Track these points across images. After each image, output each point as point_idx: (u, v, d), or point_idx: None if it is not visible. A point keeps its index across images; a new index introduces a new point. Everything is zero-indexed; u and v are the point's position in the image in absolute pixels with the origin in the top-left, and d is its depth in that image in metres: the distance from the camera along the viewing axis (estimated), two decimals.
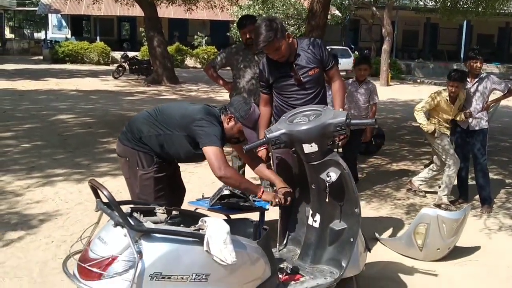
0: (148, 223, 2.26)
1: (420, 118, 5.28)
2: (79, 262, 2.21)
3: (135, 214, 2.36)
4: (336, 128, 2.73)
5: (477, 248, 4.31)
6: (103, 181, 5.44)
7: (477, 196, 5.42)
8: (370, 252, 3.26)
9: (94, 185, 2.29)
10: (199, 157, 3.07)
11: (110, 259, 2.12)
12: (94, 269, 2.11)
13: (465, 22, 26.90)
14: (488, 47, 32.59)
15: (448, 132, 5.32)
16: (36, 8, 32.66)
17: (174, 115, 3.06)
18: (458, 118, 5.27)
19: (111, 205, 2.17)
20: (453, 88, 5.07)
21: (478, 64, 5.12)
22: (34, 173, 5.98)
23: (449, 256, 4.06)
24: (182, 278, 2.19)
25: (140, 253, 2.11)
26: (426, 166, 6.69)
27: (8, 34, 43.80)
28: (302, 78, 3.58)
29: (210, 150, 2.84)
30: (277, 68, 3.61)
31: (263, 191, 3.00)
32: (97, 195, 2.35)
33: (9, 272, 3.50)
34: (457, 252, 4.14)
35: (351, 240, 2.85)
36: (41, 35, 42.92)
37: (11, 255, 3.78)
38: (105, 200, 2.24)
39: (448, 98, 5.18)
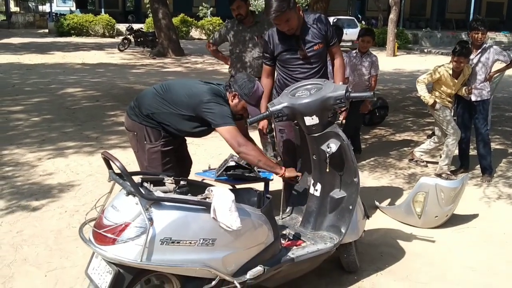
0: (157, 192, 2.41)
1: (421, 89, 5.34)
2: (94, 228, 2.36)
3: (145, 184, 2.50)
4: (336, 101, 2.85)
5: (475, 216, 4.44)
6: (112, 153, 5.55)
7: (478, 166, 5.53)
8: (369, 219, 3.41)
9: (106, 157, 2.43)
10: (205, 133, 3.22)
11: (123, 225, 2.27)
12: (109, 235, 2.27)
13: None
14: (497, 15, 32.18)
15: (449, 105, 5.39)
16: None
17: (181, 94, 3.16)
18: (460, 93, 5.31)
19: (123, 176, 2.31)
20: (457, 63, 5.08)
21: (480, 35, 5.12)
22: (45, 146, 6.14)
23: (447, 224, 4.20)
24: (191, 242, 2.34)
25: (151, 220, 2.26)
26: (429, 136, 6.80)
27: (13, 8, 43.59)
28: (307, 52, 3.66)
29: (225, 130, 2.97)
30: (283, 41, 3.66)
31: (285, 169, 3.07)
32: (109, 166, 2.49)
33: (26, 240, 3.69)
34: (455, 220, 4.28)
35: (350, 207, 2.99)
36: (46, 8, 42.66)
37: (28, 224, 3.97)
38: (117, 171, 2.38)
39: (451, 73, 5.20)
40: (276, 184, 3.98)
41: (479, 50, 5.22)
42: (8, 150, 5.89)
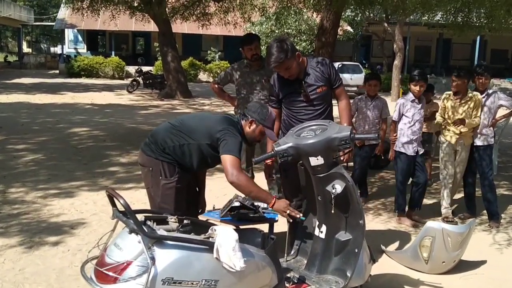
0: (160, 231, 2.39)
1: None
2: (96, 266, 2.34)
3: (148, 223, 2.48)
4: (341, 142, 2.86)
5: (483, 262, 4.36)
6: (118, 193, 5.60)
7: (484, 211, 5.46)
8: (375, 263, 3.34)
9: (111, 194, 2.43)
10: (218, 162, 3.23)
11: (125, 264, 2.25)
12: (110, 273, 2.24)
13: (478, 37, 26.91)
14: (502, 62, 32.52)
15: (449, 138, 5.33)
16: (53, 23, 33.32)
17: (198, 125, 3.24)
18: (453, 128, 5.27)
19: (127, 213, 2.30)
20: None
21: (483, 80, 5.19)
22: (50, 184, 6.15)
23: (455, 270, 4.12)
24: (193, 283, 2.31)
25: (153, 259, 2.23)
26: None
27: (25, 49, 44.64)
28: (310, 95, 3.72)
29: (227, 158, 3.00)
30: (287, 85, 3.75)
31: (275, 201, 3.06)
32: (113, 204, 2.49)
33: (28, 278, 3.65)
34: (463, 266, 4.20)
35: (356, 250, 2.95)
36: (57, 49, 43.67)
37: (30, 262, 3.93)
38: (121, 208, 2.37)
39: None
40: (282, 226, 3.94)
41: (483, 95, 5.27)
42: (14, 188, 5.90)
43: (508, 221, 5.44)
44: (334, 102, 3.84)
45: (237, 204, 4.13)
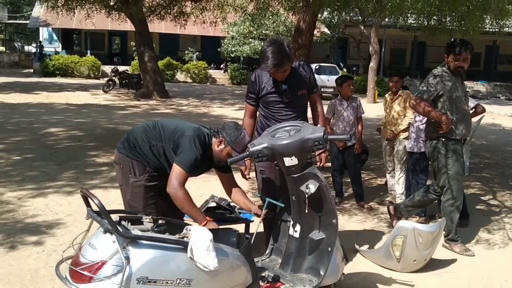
0: (135, 231, 2.40)
1: None
2: (71, 266, 2.34)
3: (123, 223, 2.50)
4: (314, 142, 2.91)
5: (453, 261, 4.47)
6: (92, 193, 5.56)
7: None
8: (348, 262, 3.42)
9: (85, 194, 2.44)
10: None
11: (100, 263, 2.26)
12: (85, 273, 2.25)
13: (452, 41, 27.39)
14: (476, 65, 33.18)
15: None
16: (27, 22, 32.80)
17: (169, 130, 3.24)
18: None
19: (101, 213, 2.31)
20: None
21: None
22: (25, 185, 6.08)
23: (426, 268, 4.22)
24: (167, 282, 2.33)
25: (127, 258, 2.25)
26: None
27: None
28: (291, 97, 3.76)
29: (177, 169, 3.01)
30: (269, 84, 3.77)
31: (207, 222, 3.01)
32: (87, 204, 2.49)
33: (2, 279, 3.62)
34: (434, 264, 4.30)
35: (329, 249, 3.00)
36: (31, 48, 42.99)
37: (4, 262, 3.90)
38: (95, 208, 2.38)
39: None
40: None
41: None
42: None
43: (477, 221, 5.57)
44: None
45: (213, 204, 4.17)
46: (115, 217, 2.49)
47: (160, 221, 2.64)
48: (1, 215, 4.97)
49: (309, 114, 4.02)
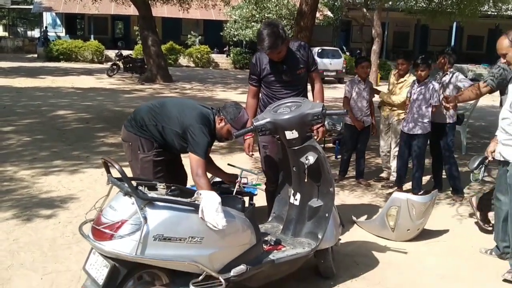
0: (152, 194, 2.67)
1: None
2: (93, 225, 2.61)
3: (140, 188, 2.76)
4: (313, 117, 3.17)
5: (445, 231, 4.74)
6: (101, 172, 5.84)
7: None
8: (344, 227, 3.70)
9: (107, 161, 2.70)
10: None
11: (120, 222, 2.53)
12: (107, 231, 2.52)
13: (454, 24, 27.42)
14: (478, 48, 33.23)
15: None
16: (30, 7, 32.87)
17: (173, 113, 3.44)
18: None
19: (122, 178, 2.57)
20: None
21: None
22: (37, 164, 6.35)
23: (419, 237, 4.49)
24: (180, 239, 2.61)
25: (145, 218, 2.52)
26: None
27: (1, 32, 43.92)
28: (290, 76, 3.99)
29: (194, 158, 3.24)
30: (269, 65, 4.00)
31: None
32: (108, 171, 2.76)
33: (23, 247, 3.91)
34: (427, 234, 4.57)
35: (326, 215, 3.28)
36: (34, 33, 43.05)
37: (23, 233, 4.19)
38: (115, 175, 2.64)
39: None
40: (260, 199, 4.27)
41: (443, 75, 5.75)
42: (2, 167, 6.09)
43: (470, 196, 5.81)
44: None
45: (218, 179, 4.42)
46: (133, 184, 2.76)
47: (173, 187, 2.90)
48: (16, 191, 5.25)
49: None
